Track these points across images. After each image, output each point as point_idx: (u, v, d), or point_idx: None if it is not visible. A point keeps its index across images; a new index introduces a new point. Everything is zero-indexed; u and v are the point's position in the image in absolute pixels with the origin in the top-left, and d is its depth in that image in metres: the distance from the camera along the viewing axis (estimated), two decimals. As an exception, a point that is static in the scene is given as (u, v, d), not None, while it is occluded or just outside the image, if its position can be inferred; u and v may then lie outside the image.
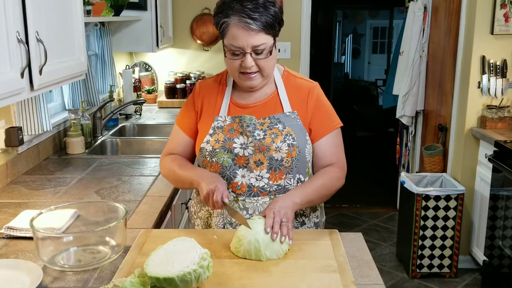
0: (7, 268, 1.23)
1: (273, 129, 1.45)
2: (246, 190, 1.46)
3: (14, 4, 1.37)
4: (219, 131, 1.47)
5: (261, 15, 1.34)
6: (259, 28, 1.34)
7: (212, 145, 1.46)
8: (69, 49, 1.81)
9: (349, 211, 4.35)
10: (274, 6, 1.38)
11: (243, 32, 1.35)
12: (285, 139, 1.44)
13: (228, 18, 1.36)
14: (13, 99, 1.41)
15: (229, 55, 1.41)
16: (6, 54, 1.35)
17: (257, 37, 1.35)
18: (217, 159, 1.45)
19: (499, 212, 2.76)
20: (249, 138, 1.44)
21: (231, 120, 1.48)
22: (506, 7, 2.94)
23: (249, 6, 1.34)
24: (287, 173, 1.46)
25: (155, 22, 3.28)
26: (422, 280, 3.15)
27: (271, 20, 1.36)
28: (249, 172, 1.45)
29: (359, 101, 7.86)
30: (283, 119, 1.47)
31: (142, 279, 1.11)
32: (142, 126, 3.13)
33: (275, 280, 1.18)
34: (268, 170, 1.45)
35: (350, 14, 9.86)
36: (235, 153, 1.45)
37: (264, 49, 1.38)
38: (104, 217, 1.41)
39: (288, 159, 1.44)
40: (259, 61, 1.39)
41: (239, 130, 1.46)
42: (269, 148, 1.43)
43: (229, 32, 1.36)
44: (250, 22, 1.33)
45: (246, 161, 1.45)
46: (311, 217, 1.57)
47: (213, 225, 1.53)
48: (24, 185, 1.93)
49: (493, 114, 3.02)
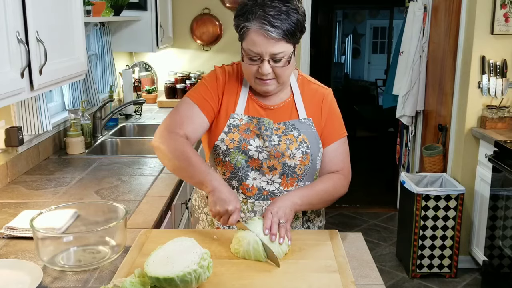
0: (7, 268, 1.23)
1: (288, 135, 1.43)
2: (256, 193, 1.45)
3: (14, 4, 1.37)
4: (234, 130, 1.44)
5: (282, 23, 1.29)
6: (279, 37, 1.30)
7: (227, 144, 1.43)
8: (69, 49, 1.81)
9: (349, 211, 4.36)
10: (297, 13, 1.32)
11: (263, 39, 1.30)
12: (300, 146, 1.42)
13: (249, 23, 1.31)
14: (13, 99, 1.41)
15: (247, 60, 1.36)
16: (6, 54, 1.34)
17: (277, 45, 1.31)
18: (231, 159, 1.43)
19: (499, 212, 2.76)
20: (266, 143, 1.42)
21: (248, 120, 1.44)
22: (506, 7, 2.94)
23: (271, 13, 1.29)
24: (298, 180, 1.45)
25: (155, 22, 3.28)
26: (422, 280, 3.15)
27: (293, 28, 1.31)
28: (261, 175, 1.44)
29: (359, 101, 7.87)
30: (298, 126, 1.45)
31: (142, 279, 1.11)
32: (142, 126, 3.14)
33: (275, 281, 1.18)
34: (281, 175, 1.44)
35: (350, 14, 9.87)
36: (249, 155, 1.43)
37: (283, 57, 1.34)
38: (104, 217, 1.41)
39: (301, 166, 1.43)
40: (276, 69, 1.35)
41: (256, 132, 1.43)
42: (283, 154, 1.42)
43: (249, 37, 1.32)
44: (271, 30, 1.29)
45: (259, 165, 1.43)
46: (315, 222, 1.57)
47: (216, 223, 1.52)
48: (24, 185, 1.93)
49: (493, 114, 3.02)
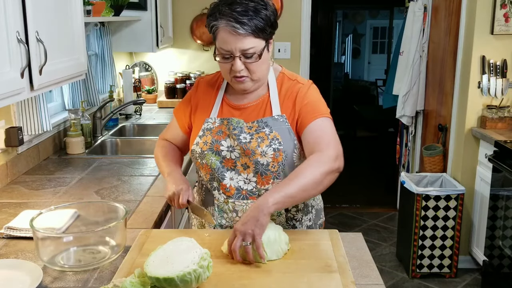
0: (7, 268, 1.24)
1: (260, 133, 1.43)
2: (235, 192, 1.46)
3: (14, 4, 1.38)
4: (207, 133, 1.48)
5: (250, 19, 1.32)
6: (247, 32, 1.32)
7: (201, 147, 1.47)
8: (69, 49, 1.81)
9: (349, 211, 4.36)
10: (266, 9, 1.35)
11: (231, 36, 1.33)
12: (271, 143, 1.42)
13: (217, 22, 1.35)
14: (13, 99, 1.42)
15: (220, 59, 1.40)
16: (6, 54, 1.35)
17: (246, 41, 1.33)
18: (206, 161, 1.46)
19: (499, 212, 2.76)
20: (235, 141, 1.44)
21: (219, 122, 1.48)
22: (506, 7, 2.94)
23: (238, 10, 1.32)
24: (274, 177, 1.44)
25: (155, 22, 3.29)
26: (422, 280, 3.15)
27: (262, 23, 1.34)
28: (237, 174, 1.45)
29: (359, 101, 7.88)
30: (270, 123, 1.44)
31: (142, 279, 1.12)
32: (142, 126, 3.14)
33: (275, 280, 1.18)
34: (255, 174, 1.44)
35: (350, 14, 9.87)
36: (222, 155, 1.45)
37: (254, 53, 1.36)
38: (104, 217, 1.41)
39: (274, 164, 1.42)
40: (249, 64, 1.37)
41: (227, 132, 1.46)
42: (254, 152, 1.42)
43: (219, 36, 1.36)
44: (237, 26, 1.31)
45: (233, 164, 1.45)
46: (303, 221, 1.55)
47: (206, 225, 1.56)
48: (24, 185, 1.93)
49: (493, 114, 3.03)
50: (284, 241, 1.30)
